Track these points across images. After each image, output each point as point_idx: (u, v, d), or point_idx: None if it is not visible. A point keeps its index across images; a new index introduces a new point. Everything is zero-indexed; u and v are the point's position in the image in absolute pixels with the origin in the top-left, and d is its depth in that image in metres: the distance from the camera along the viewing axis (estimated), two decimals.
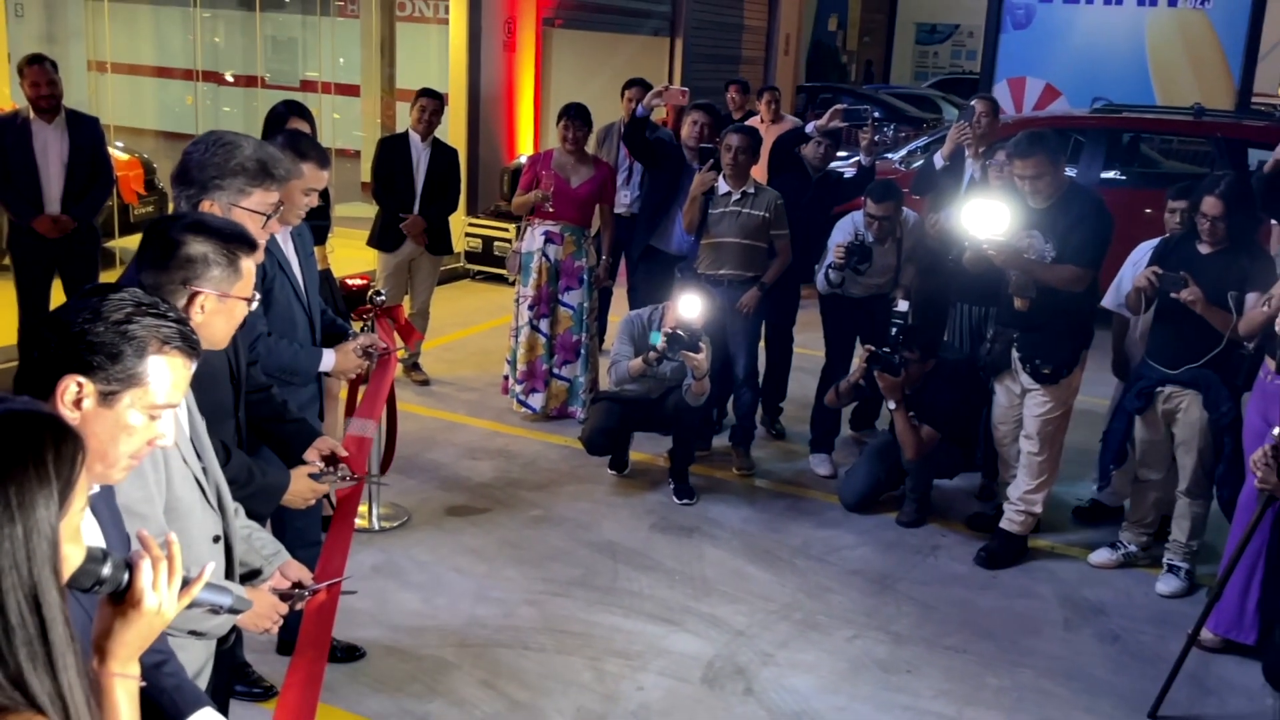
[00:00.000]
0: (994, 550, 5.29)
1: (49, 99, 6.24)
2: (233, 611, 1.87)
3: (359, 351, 3.87)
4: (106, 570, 1.56)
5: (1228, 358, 4.76)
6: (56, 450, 1.38)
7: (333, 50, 13.11)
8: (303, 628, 2.72)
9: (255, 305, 2.56)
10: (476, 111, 10.82)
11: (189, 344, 1.85)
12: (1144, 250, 5.43)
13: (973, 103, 6.43)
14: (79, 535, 1.49)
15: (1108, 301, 5.45)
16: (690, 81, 13.17)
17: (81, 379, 1.74)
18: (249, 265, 2.48)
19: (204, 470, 2.41)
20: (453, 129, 10.34)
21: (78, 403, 1.74)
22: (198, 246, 2.39)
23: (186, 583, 1.66)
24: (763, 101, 9.24)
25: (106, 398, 1.76)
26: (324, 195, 4.78)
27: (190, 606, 1.70)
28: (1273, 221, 5.20)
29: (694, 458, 5.98)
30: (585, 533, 5.38)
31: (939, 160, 6.30)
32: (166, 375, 1.81)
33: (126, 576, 1.59)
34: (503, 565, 5.02)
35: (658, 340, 5.42)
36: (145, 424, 1.80)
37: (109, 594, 1.59)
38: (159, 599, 1.60)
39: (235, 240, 2.46)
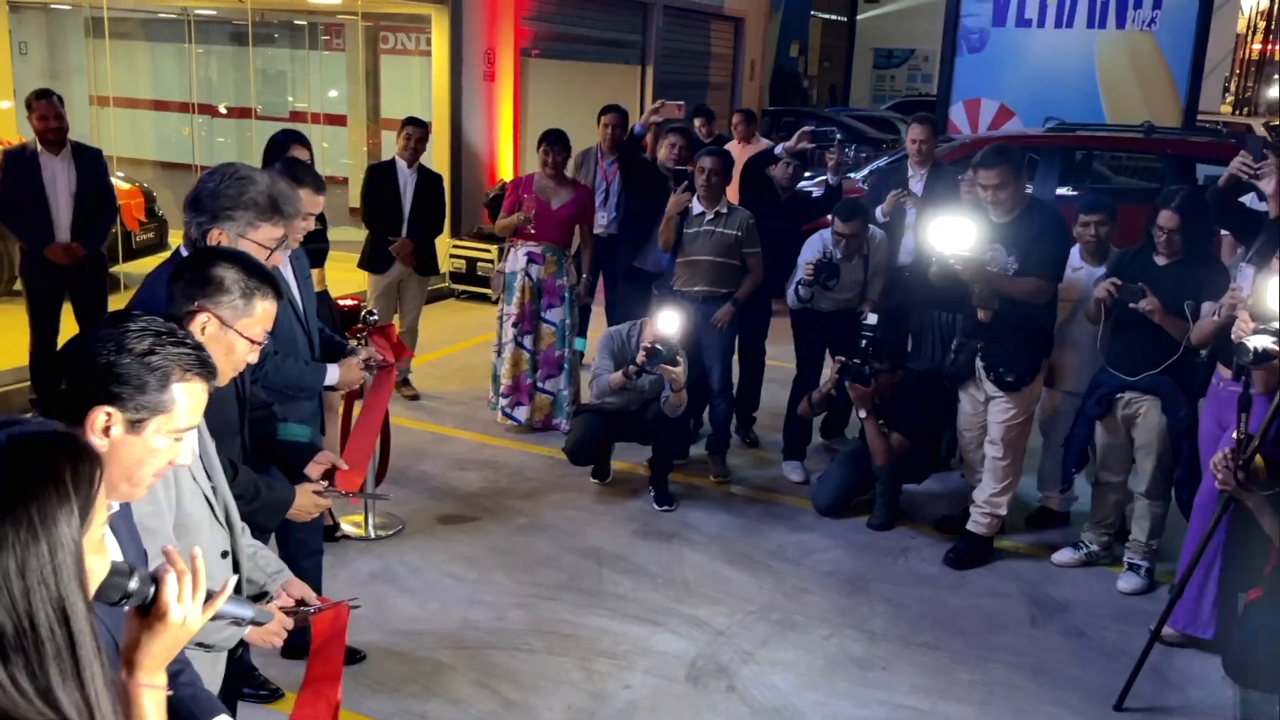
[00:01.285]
0: (962, 551, 5.40)
1: (56, 132, 6.35)
2: (254, 623, 1.91)
3: (360, 365, 3.99)
4: (133, 584, 1.59)
5: (1184, 365, 4.88)
6: (74, 468, 1.38)
7: (321, 82, 13.26)
8: (313, 656, 2.76)
9: (257, 350, 2.53)
10: (459, 138, 10.95)
11: (206, 369, 1.93)
12: None
13: (910, 124, 6.47)
14: (103, 547, 1.50)
15: None
16: None
17: (110, 409, 1.80)
18: (265, 306, 2.50)
19: (213, 489, 2.46)
20: (436, 155, 10.44)
21: (106, 430, 1.80)
22: (220, 271, 2.46)
23: (210, 596, 1.70)
24: (734, 122, 9.31)
25: (134, 425, 1.82)
26: (321, 219, 4.95)
27: (214, 619, 1.73)
28: (1224, 233, 5.36)
29: (673, 466, 6.08)
30: (570, 539, 5.48)
31: (880, 215, 6.37)
32: (187, 400, 1.88)
33: (152, 590, 1.61)
34: (493, 571, 5.11)
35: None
36: (169, 446, 1.88)
37: (136, 607, 1.62)
38: (184, 611, 1.63)
39: (259, 276, 2.50)
